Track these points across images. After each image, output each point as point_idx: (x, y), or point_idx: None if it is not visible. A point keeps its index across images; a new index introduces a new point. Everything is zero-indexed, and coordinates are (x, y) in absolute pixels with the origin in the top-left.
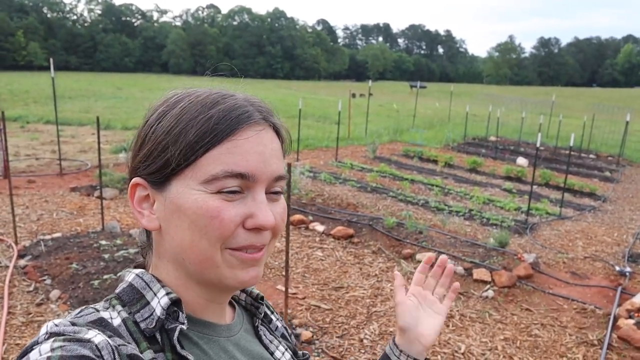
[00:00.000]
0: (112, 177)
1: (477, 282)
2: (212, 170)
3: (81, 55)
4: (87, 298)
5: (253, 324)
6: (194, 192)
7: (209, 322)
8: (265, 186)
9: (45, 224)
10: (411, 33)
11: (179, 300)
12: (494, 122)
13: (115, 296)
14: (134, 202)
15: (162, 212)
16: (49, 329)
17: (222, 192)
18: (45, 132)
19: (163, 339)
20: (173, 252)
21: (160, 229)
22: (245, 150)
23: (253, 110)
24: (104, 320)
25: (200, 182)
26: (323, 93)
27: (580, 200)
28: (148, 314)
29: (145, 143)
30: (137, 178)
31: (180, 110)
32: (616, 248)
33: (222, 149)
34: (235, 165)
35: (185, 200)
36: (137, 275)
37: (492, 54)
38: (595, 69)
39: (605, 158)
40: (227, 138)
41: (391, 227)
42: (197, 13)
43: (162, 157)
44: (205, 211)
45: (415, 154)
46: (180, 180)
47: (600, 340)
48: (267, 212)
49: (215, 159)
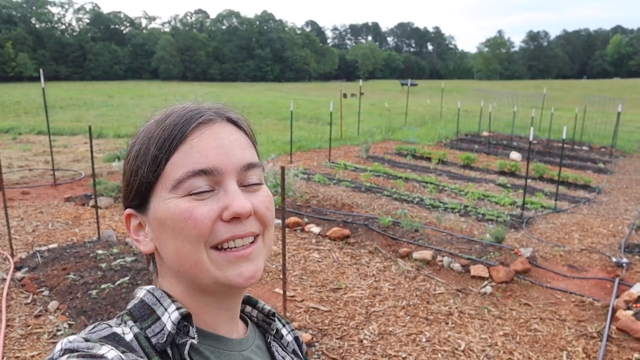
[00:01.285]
0: (107, 185)
1: (475, 278)
2: (176, 175)
3: (71, 65)
4: (86, 308)
5: (265, 340)
6: (167, 201)
7: (220, 336)
8: (235, 177)
9: (41, 235)
10: (400, 31)
11: (189, 315)
12: (486, 118)
13: (126, 312)
14: (131, 232)
15: (151, 232)
16: (63, 346)
17: (191, 194)
18: (38, 142)
19: (174, 353)
20: (171, 266)
21: (156, 249)
22: (202, 147)
23: (205, 109)
24: (117, 335)
25: (169, 190)
26: (314, 94)
27: (575, 192)
28: (159, 329)
29: (125, 175)
30: (128, 209)
31: (143, 134)
32: (612, 239)
33: (180, 153)
34: (195, 164)
35: (162, 212)
36: (148, 291)
37: (482, 50)
38: (585, 61)
39: (599, 149)
40: (182, 141)
41: (387, 226)
42: (186, 18)
43: (135, 181)
44: (178, 214)
45: (408, 152)
46: (154, 196)
47: (600, 332)
48: (241, 199)
49: (177, 164)
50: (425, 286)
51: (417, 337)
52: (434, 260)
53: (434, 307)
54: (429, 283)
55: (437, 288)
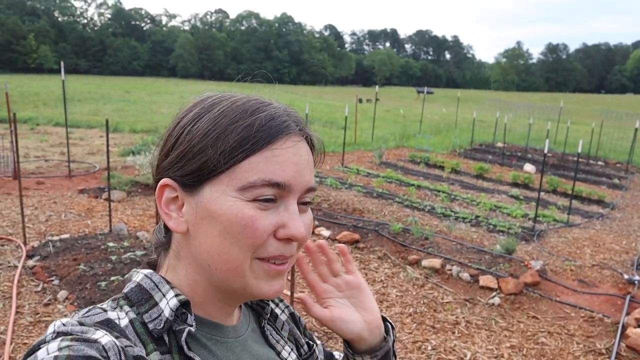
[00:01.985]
0: (120, 179)
1: (484, 289)
2: (250, 177)
3: (90, 59)
4: (94, 299)
5: (259, 324)
6: (229, 198)
7: (216, 323)
8: (297, 197)
9: (53, 225)
10: (418, 38)
11: (188, 302)
12: (501, 128)
13: (123, 296)
14: (161, 202)
15: (191, 215)
16: (56, 328)
17: (257, 200)
18: (55, 134)
19: (171, 340)
20: (200, 257)
21: (187, 232)
22: (283, 160)
23: (290, 121)
24: (111, 321)
25: (237, 188)
26: (330, 98)
27: (588, 207)
28: (156, 315)
29: (179, 144)
30: (167, 179)
31: (219, 114)
32: (625, 256)
33: (261, 157)
34: (273, 175)
35: (219, 207)
36: (145, 275)
37: (500, 60)
38: (603, 75)
39: (614, 165)
40: (266, 146)
41: (397, 232)
42: (206, 18)
43: (197, 159)
44: (240, 219)
45: (421, 159)
46: (214, 185)
47: (609, 349)
48: (299, 222)
49: (254, 167)
50: (433, 294)
51: (423, 345)
52: (442, 269)
53: (441, 315)
54: (437, 291)
55: (445, 297)
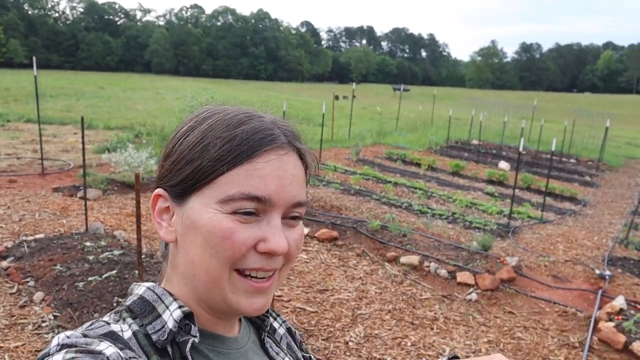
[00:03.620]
0: (96, 177)
1: (461, 285)
2: (230, 190)
3: (62, 54)
4: (72, 300)
5: (259, 337)
6: (210, 210)
7: (218, 334)
8: (282, 211)
9: (27, 225)
10: (395, 36)
11: (192, 314)
12: (476, 126)
13: (125, 309)
14: (155, 212)
15: (179, 225)
16: (60, 341)
17: (237, 213)
18: (26, 130)
19: (174, 351)
20: (185, 266)
21: (176, 241)
22: (265, 173)
23: (278, 134)
24: (114, 333)
25: (217, 201)
26: (306, 95)
27: (561, 204)
28: (160, 327)
29: (172, 154)
30: (160, 189)
31: (207, 127)
32: (596, 252)
33: (242, 170)
34: (252, 188)
35: (200, 218)
36: (148, 288)
37: (475, 58)
38: (575, 75)
39: (586, 163)
40: (247, 160)
41: (375, 230)
42: (181, 13)
43: (183, 171)
44: (218, 231)
45: (398, 156)
46: (198, 197)
47: (582, 342)
48: (281, 237)
49: (234, 180)
50: (411, 291)
51: (403, 341)
52: (420, 266)
53: (419, 312)
54: (416, 288)
55: (424, 293)
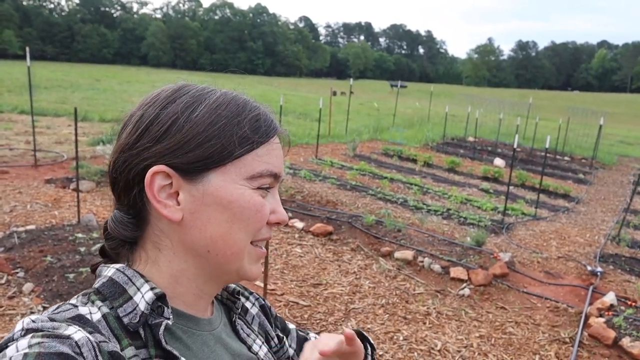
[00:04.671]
0: (89, 169)
1: (454, 280)
2: (258, 167)
3: (58, 45)
4: (62, 292)
5: (230, 319)
6: (239, 186)
7: (192, 315)
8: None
9: (18, 216)
10: (392, 33)
11: (164, 295)
12: (472, 123)
13: (94, 291)
14: (154, 191)
15: (191, 203)
16: (25, 325)
17: (260, 189)
18: (20, 122)
19: (146, 334)
20: (197, 244)
21: (181, 221)
22: (277, 154)
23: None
24: (82, 317)
25: (245, 177)
26: (304, 90)
27: (555, 201)
28: (131, 309)
29: (176, 131)
30: (162, 166)
31: (217, 105)
32: (588, 248)
33: (264, 150)
34: (273, 166)
35: (230, 194)
36: (117, 269)
37: (472, 56)
38: (570, 73)
39: (579, 160)
40: (267, 140)
41: (370, 225)
42: (178, 6)
43: (204, 148)
44: (252, 205)
45: (394, 152)
46: (221, 174)
47: (572, 338)
48: (283, 210)
49: (260, 158)
50: (405, 286)
51: (395, 336)
52: (414, 261)
53: (412, 306)
54: (409, 283)
55: (417, 288)
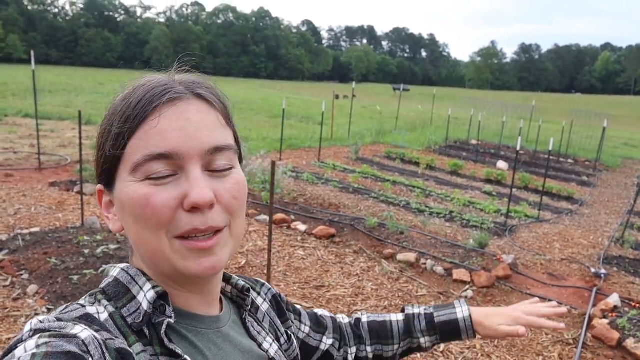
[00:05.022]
0: (93, 172)
1: (457, 282)
2: (134, 157)
3: (62, 50)
4: (66, 293)
5: (240, 316)
6: (127, 184)
7: (196, 314)
8: (199, 162)
9: (23, 218)
10: (395, 36)
11: (166, 294)
12: (475, 126)
13: (100, 291)
14: (102, 208)
15: (118, 212)
16: (33, 326)
17: (149, 179)
18: (24, 125)
19: (151, 333)
20: (134, 248)
21: (122, 229)
22: (162, 129)
23: (172, 85)
24: (90, 315)
25: (129, 172)
26: (306, 94)
27: (558, 203)
28: (135, 309)
29: (96, 149)
30: (99, 184)
31: (110, 108)
32: (592, 251)
33: (141, 134)
34: (154, 147)
35: (123, 195)
36: (122, 269)
37: (475, 59)
38: (574, 76)
39: (583, 163)
40: (143, 121)
41: (373, 227)
42: (182, 10)
43: (101, 157)
44: (136, 200)
45: (397, 155)
46: (119, 177)
47: (576, 339)
48: (201, 188)
49: (136, 146)
50: (407, 288)
51: None
52: (417, 263)
53: None
54: (412, 285)
55: (420, 290)
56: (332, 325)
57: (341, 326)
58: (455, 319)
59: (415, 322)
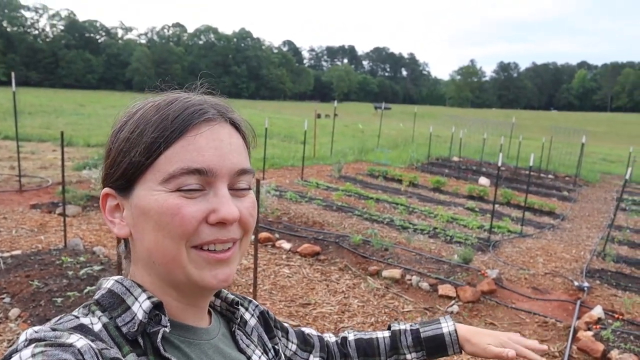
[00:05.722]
0: (75, 194)
1: (443, 297)
2: (169, 168)
3: (42, 71)
4: (50, 316)
5: (229, 329)
6: (155, 192)
7: (188, 325)
8: (226, 181)
9: (4, 241)
10: (376, 55)
11: (161, 304)
12: (456, 143)
13: (94, 302)
14: (105, 212)
15: (130, 218)
16: (28, 336)
17: (181, 190)
18: (4, 147)
19: (145, 342)
20: (143, 255)
21: (131, 235)
22: (200, 146)
23: (208, 107)
24: (84, 326)
25: (160, 182)
26: (288, 113)
27: (540, 218)
28: (129, 318)
29: (110, 152)
30: (106, 188)
31: (139, 116)
32: (574, 264)
33: (177, 147)
34: (191, 162)
35: (147, 202)
36: (116, 281)
37: (454, 77)
38: (552, 93)
39: (563, 178)
40: (181, 136)
41: (357, 244)
42: (163, 31)
43: (124, 162)
44: (166, 209)
45: (380, 173)
46: (142, 184)
47: (561, 351)
48: (230, 205)
49: (172, 158)
50: (393, 304)
51: None
52: (402, 279)
53: None
54: (398, 301)
55: (406, 306)
56: (319, 344)
57: (328, 345)
58: (440, 333)
59: (402, 338)
